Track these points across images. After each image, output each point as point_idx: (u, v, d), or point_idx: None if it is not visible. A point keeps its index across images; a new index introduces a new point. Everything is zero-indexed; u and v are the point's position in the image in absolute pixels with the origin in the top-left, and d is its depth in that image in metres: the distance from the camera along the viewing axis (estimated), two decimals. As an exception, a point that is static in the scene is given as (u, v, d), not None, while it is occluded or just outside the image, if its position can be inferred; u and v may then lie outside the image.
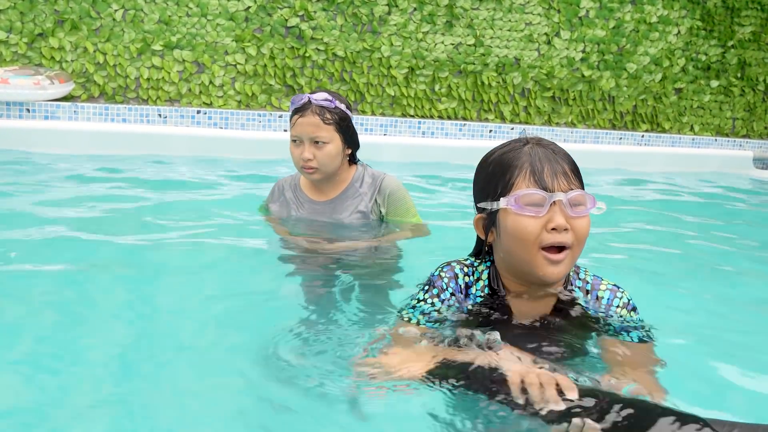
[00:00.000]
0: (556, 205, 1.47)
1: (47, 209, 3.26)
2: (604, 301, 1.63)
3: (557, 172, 1.49)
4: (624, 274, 2.77)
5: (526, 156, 1.51)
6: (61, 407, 1.58)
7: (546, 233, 1.47)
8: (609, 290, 1.64)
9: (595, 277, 1.67)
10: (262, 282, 2.47)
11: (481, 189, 1.60)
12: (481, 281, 1.64)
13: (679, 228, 4.02)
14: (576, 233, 1.49)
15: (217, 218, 3.29)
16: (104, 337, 1.93)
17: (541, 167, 1.49)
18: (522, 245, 1.50)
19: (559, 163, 1.51)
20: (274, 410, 1.61)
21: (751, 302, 2.64)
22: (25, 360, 1.78)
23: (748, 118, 7.55)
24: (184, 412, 1.60)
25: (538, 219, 1.47)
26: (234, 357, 1.85)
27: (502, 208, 1.51)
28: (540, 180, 1.48)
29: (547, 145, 1.54)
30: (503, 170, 1.52)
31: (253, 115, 5.84)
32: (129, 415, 1.57)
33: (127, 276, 2.47)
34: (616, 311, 1.62)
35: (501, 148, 1.59)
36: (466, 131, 6.40)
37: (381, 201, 2.67)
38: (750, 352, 2.05)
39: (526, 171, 1.49)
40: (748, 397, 1.74)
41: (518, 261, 1.53)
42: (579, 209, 1.49)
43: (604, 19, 6.82)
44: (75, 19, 5.52)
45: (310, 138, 2.53)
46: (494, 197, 1.53)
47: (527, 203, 1.48)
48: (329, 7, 6.07)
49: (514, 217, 1.49)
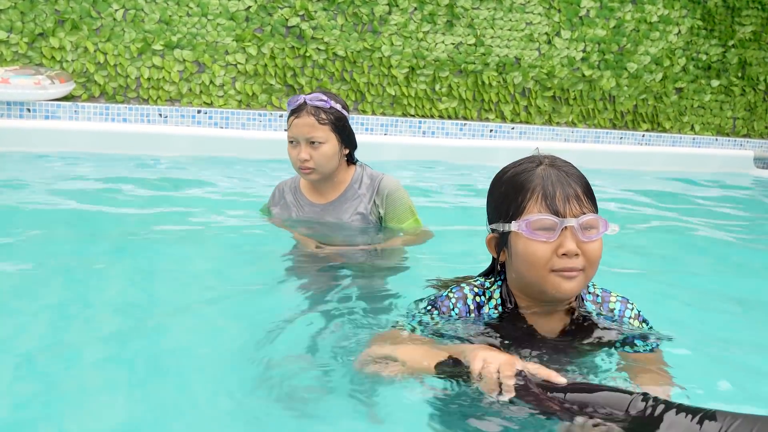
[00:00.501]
0: (568, 230, 1.47)
1: (47, 209, 3.26)
2: (616, 312, 1.64)
3: (569, 195, 1.48)
4: (624, 273, 2.77)
5: (539, 178, 1.50)
6: (61, 402, 1.59)
7: (556, 258, 1.47)
8: (619, 302, 1.65)
9: (603, 291, 1.67)
10: (262, 281, 2.47)
11: (494, 209, 1.59)
12: (494, 300, 1.64)
13: (680, 228, 4.01)
14: (587, 257, 1.49)
15: (217, 218, 3.29)
16: (103, 336, 1.93)
17: (553, 191, 1.48)
18: (533, 269, 1.50)
19: (572, 186, 1.49)
20: (275, 409, 1.61)
21: (752, 302, 2.64)
22: (25, 358, 1.78)
23: (748, 117, 7.55)
24: (184, 411, 1.60)
25: (549, 244, 1.47)
26: (234, 357, 1.85)
27: (513, 231, 1.51)
28: (552, 205, 1.47)
29: (561, 166, 1.52)
30: (515, 192, 1.52)
31: (254, 115, 5.84)
32: (130, 413, 1.57)
33: (126, 275, 2.47)
34: (629, 322, 1.63)
35: (514, 166, 1.57)
36: (466, 131, 6.40)
37: (380, 202, 2.66)
38: (751, 351, 2.06)
39: (538, 195, 1.48)
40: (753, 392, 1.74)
41: (530, 282, 1.53)
42: (590, 233, 1.49)
43: (604, 18, 6.82)
44: (75, 18, 5.52)
45: (306, 138, 2.53)
46: (506, 219, 1.53)
47: (538, 228, 1.47)
48: (330, 6, 6.07)
49: (525, 241, 1.49)
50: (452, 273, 2.09)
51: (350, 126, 2.65)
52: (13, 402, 1.60)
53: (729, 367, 1.90)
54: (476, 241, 1.68)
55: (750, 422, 1.10)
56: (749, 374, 1.87)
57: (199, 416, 1.59)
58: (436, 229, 2.79)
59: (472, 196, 4.45)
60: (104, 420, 1.54)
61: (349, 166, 2.73)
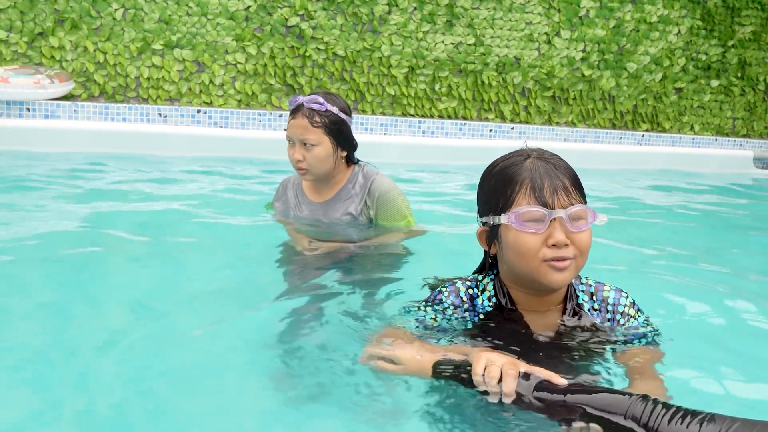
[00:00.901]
0: (556, 221, 1.48)
1: (46, 208, 3.26)
2: (610, 300, 1.65)
3: (557, 187, 1.49)
4: (623, 273, 2.77)
5: (527, 171, 1.51)
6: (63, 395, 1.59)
7: (546, 248, 1.49)
8: (613, 290, 1.67)
9: (597, 282, 1.69)
10: (255, 279, 2.48)
11: (484, 203, 1.61)
12: (487, 292, 1.66)
13: (679, 227, 4.02)
14: (577, 246, 1.50)
15: (216, 217, 3.29)
16: (103, 335, 1.93)
17: (542, 183, 1.49)
18: (524, 260, 1.52)
19: (560, 178, 1.51)
20: (275, 408, 1.61)
21: (752, 301, 2.64)
22: (25, 358, 1.78)
23: (748, 117, 7.55)
24: (184, 410, 1.60)
25: (539, 235, 1.49)
26: (233, 357, 1.85)
27: (503, 223, 1.53)
28: (540, 197, 1.49)
29: (549, 158, 1.54)
30: (504, 185, 1.53)
31: (253, 115, 5.84)
32: (130, 411, 1.57)
33: (126, 274, 2.47)
34: (624, 310, 1.64)
35: (503, 160, 1.59)
36: (466, 131, 6.40)
37: (371, 203, 2.66)
38: (752, 351, 2.06)
39: (526, 187, 1.50)
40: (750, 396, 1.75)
41: (522, 273, 1.55)
42: (579, 224, 1.50)
43: (604, 18, 6.82)
44: (75, 18, 5.52)
45: (300, 140, 2.57)
46: (496, 212, 1.55)
47: (527, 220, 1.49)
48: (329, 6, 6.07)
49: (515, 233, 1.51)
50: (451, 272, 2.09)
51: (348, 129, 2.64)
52: (13, 402, 1.60)
53: (725, 366, 1.90)
54: (475, 240, 1.68)
55: (748, 426, 1.10)
56: (745, 372, 1.87)
57: (199, 416, 1.59)
58: (435, 229, 2.80)
59: (472, 196, 4.45)
60: (104, 420, 1.54)
61: (349, 166, 2.74)
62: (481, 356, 1.35)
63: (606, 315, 1.64)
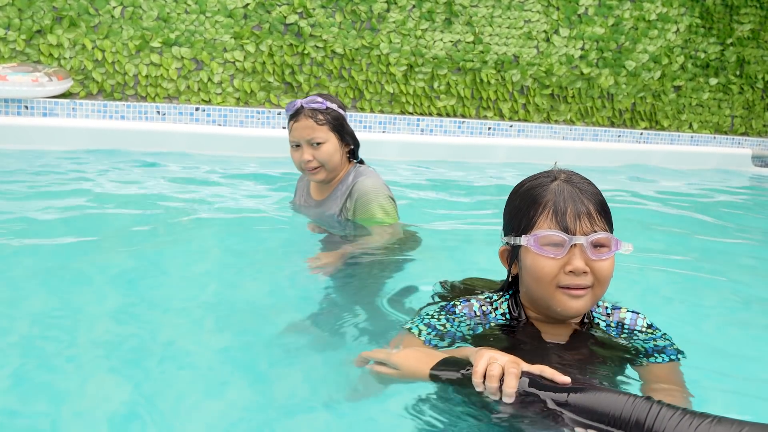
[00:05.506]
0: (577, 247, 1.45)
1: (45, 207, 3.26)
2: (627, 321, 1.62)
3: (581, 212, 1.46)
4: (621, 272, 2.77)
5: (552, 194, 1.48)
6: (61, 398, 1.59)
7: (563, 275, 1.46)
8: (631, 312, 1.64)
9: (614, 306, 1.66)
10: (261, 279, 2.47)
11: (508, 222, 1.59)
12: (500, 310, 1.63)
13: (678, 226, 4.02)
14: (596, 275, 1.47)
15: (215, 216, 3.29)
16: (103, 334, 1.93)
17: (565, 207, 1.46)
18: (539, 284, 1.49)
19: (584, 203, 1.47)
20: (276, 408, 1.61)
21: (752, 301, 2.64)
22: (24, 354, 1.78)
23: (746, 115, 7.56)
24: (179, 409, 1.60)
25: (557, 260, 1.46)
26: (233, 357, 1.85)
27: (523, 245, 1.51)
28: (562, 221, 1.46)
29: (576, 182, 1.50)
30: (528, 206, 1.51)
31: (252, 113, 5.84)
32: (129, 409, 1.57)
33: (125, 273, 2.47)
34: (641, 329, 1.61)
35: (530, 180, 1.56)
36: (464, 128, 6.40)
37: (350, 205, 2.65)
38: (752, 351, 2.06)
39: (549, 210, 1.47)
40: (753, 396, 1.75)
41: (537, 297, 1.53)
42: (601, 251, 1.47)
43: (603, 16, 6.82)
44: (73, 16, 5.51)
45: (307, 140, 2.59)
46: (517, 233, 1.52)
47: (546, 243, 1.46)
48: (328, 4, 6.06)
49: (534, 255, 1.48)
50: (451, 271, 2.09)
51: (348, 124, 2.69)
52: (13, 402, 1.60)
53: (726, 365, 1.90)
54: (473, 238, 1.68)
55: (757, 430, 1.08)
56: (745, 372, 1.87)
57: (199, 414, 1.59)
58: (433, 227, 2.79)
59: (470, 194, 4.46)
60: (104, 419, 1.54)
61: (350, 163, 2.76)
62: (483, 354, 1.32)
63: (622, 335, 1.61)
